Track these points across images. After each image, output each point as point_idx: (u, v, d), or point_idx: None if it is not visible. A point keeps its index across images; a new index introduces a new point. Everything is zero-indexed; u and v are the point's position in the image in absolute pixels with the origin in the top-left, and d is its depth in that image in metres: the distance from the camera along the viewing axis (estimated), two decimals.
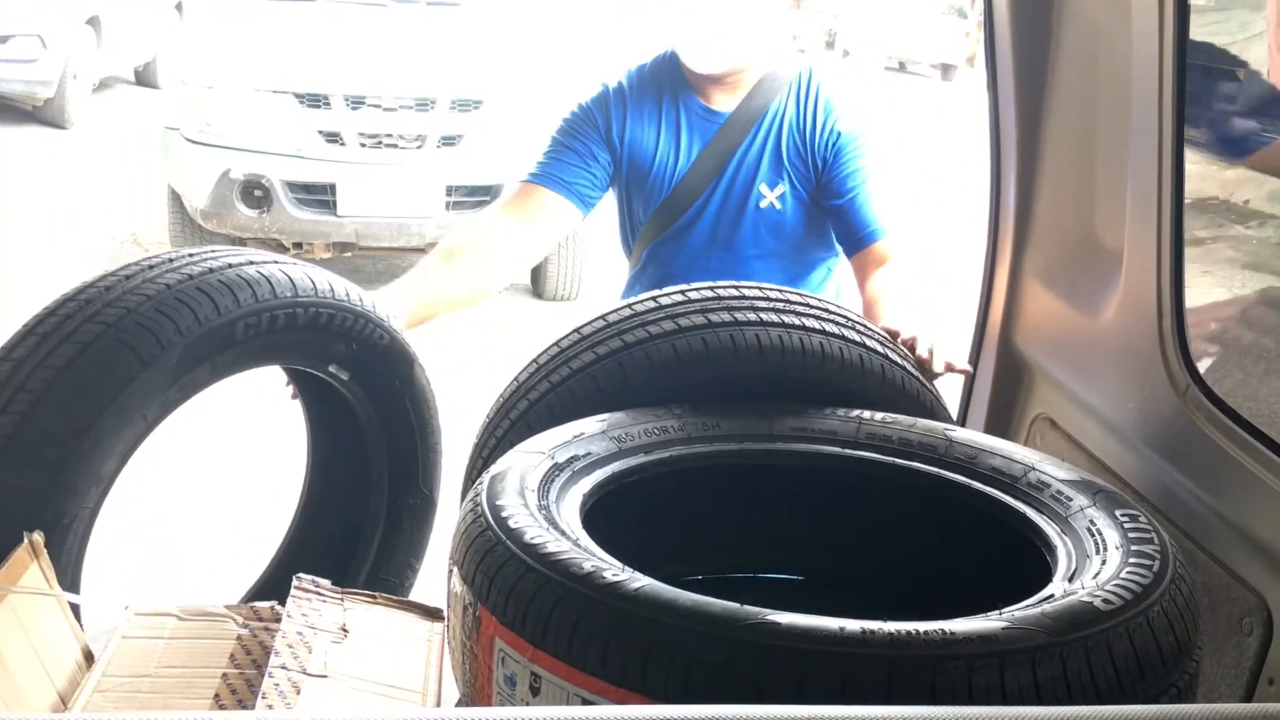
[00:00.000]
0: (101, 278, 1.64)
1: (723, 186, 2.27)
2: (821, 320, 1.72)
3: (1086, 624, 1.12)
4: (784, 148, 2.25)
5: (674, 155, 2.29)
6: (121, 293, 1.59)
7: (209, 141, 6.31)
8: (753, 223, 2.27)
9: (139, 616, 1.53)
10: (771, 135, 2.25)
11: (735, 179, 2.27)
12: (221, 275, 1.64)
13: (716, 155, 2.25)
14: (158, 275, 1.62)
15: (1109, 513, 1.37)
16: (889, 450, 1.60)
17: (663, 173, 2.31)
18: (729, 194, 2.28)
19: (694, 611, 1.10)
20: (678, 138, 2.29)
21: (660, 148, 2.30)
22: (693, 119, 2.29)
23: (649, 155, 2.31)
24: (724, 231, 2.30)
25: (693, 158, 2.27)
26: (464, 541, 1.28)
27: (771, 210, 2.27)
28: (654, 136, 2.31)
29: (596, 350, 1.69)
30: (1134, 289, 1.79)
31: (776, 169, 2.25)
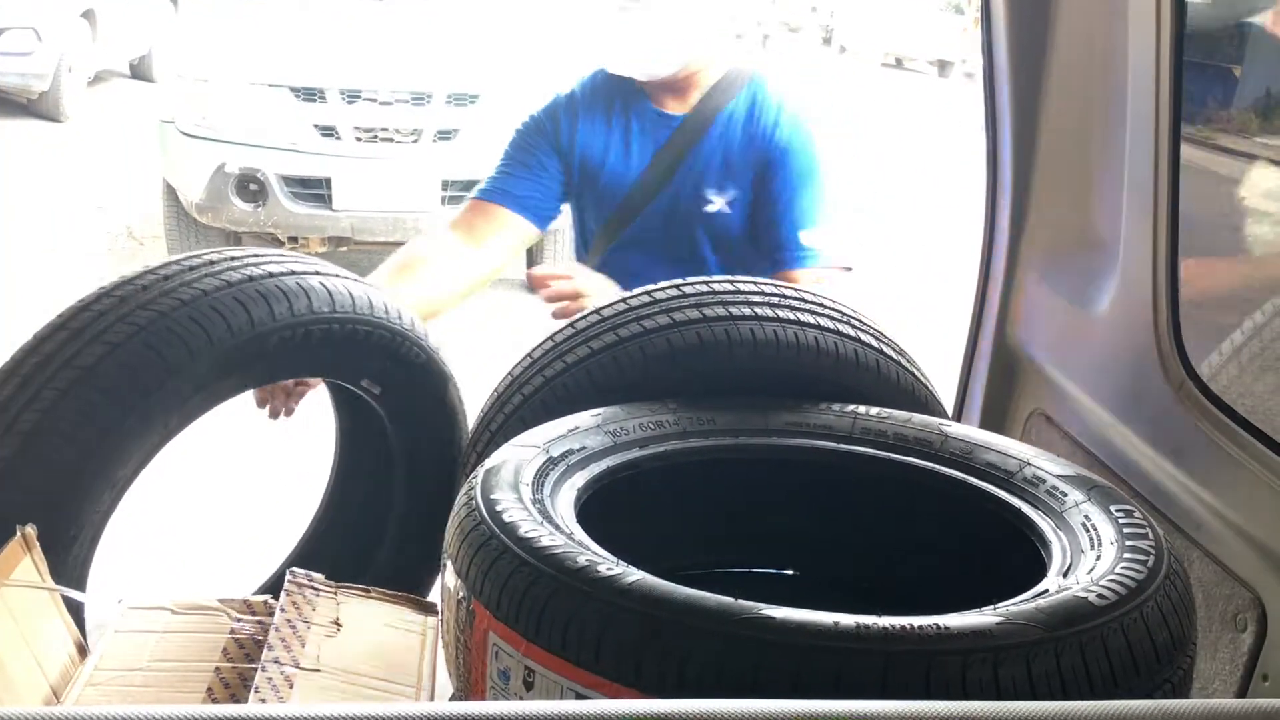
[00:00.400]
0: (139, 275, 1.61)
1: (672, 192, 2.23)
2: (816, 315, 1.71)
3: (1081, 619, 1.12)
4: (734, 153, 2.21)
5: (624, 161, 2.26)
6: (157, 294, 1.56)
7: (204, 135, 6.30)
8: (702, 229, 2.21)
9: (132, 610, 1.53)
10: (723, 140, 2.21)
11: (685, 184, 2.22)
12: (260, 285, 1.61)
13: (668, 160, 2.20)
14: (196, 279, 1.59)
15: (1104, 508, 1.37)
16: (884, 445, 1.60)
17: (614, 179, 2.27)
18: (679, 199, 2.23)
19: (688, 606, 1.10)
20: (628, 143, 2.26)
21: (611, 154, 2.27)
22: (645, 124, 2.26)
23: (599, 161, 2.27)
24: (675, 238, 2.24)
25: (644, 163, 2.23)
26: (458, 535, 1.27)
27: (721, 216, 2.21)
28: (604, 143, 2.27)
29: (591, 345, 1.69)
30: (1129, 284, 1.79)
31: (726, 174, 2.21)
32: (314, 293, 1.65)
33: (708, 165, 2.20)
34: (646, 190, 2.20)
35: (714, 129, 2.19)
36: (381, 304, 1.77)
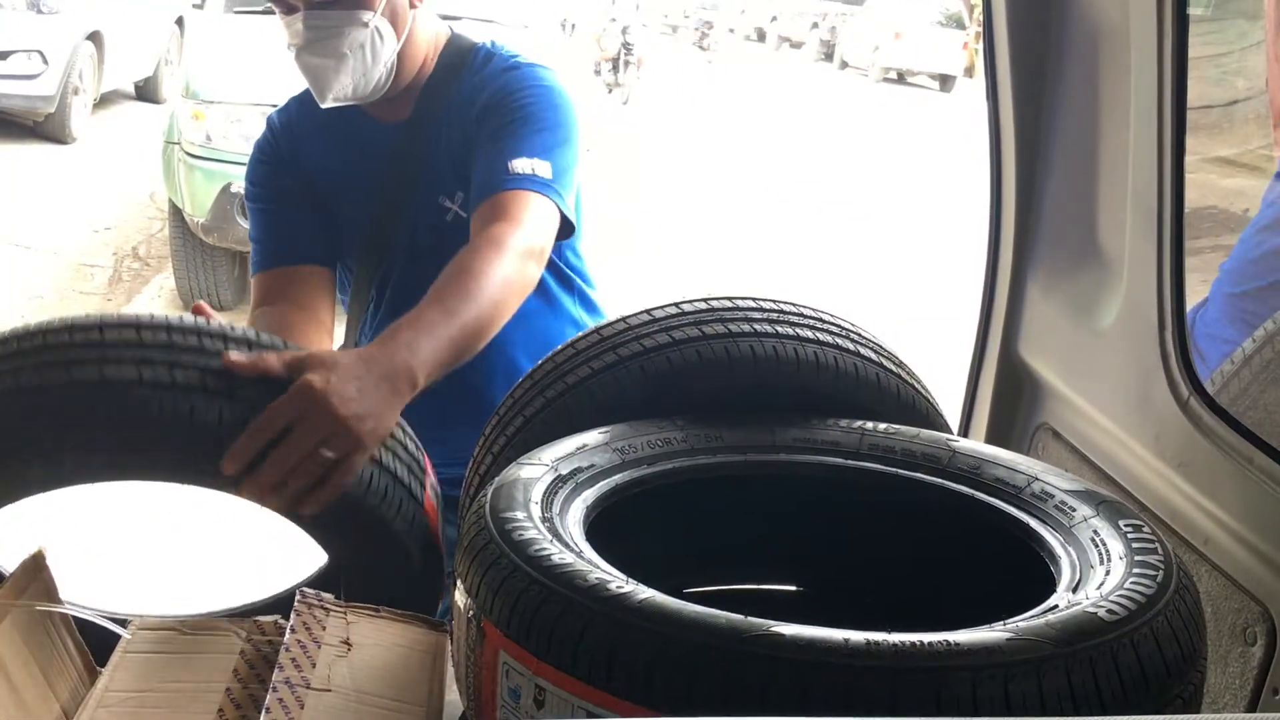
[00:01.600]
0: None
1: (412, 206, 1.95)
2: (816, 329, 1.72)
3: (1091, 634, 1.12)
4: (459, 146, 1.92)
5: (359, 182, 1.97)
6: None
7: (210, 156, 6.33)
8: (449, 241, 1.83)
9: (141, 630, 1.53)
10: (446, 135, 1.93)
11: (419, 194, 1.94)
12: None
13: (397, 173, 1.92)
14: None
15: (1112, 523, 1.37)
16: (892, 461, 1.60)
17: (355, 204, 1.98)
18: (420, 212, 1.96)
19: (698, 623, 1.10)
20: (359, 163, 1.98)
21: (345, 176, 2.00)
22: (366, 138, 1.98)
23: (337, 186, 2.00)
24: (425, 260, 1.87)
25: (376, 182, 1.95)
26: (467, 554, 1.28)
27: (459, 221, 1.91)
28: (336, 164, 2.00)
29: (591, 365, 1.70)
30: (1135, 298, 1.80)
31: (457, 175, 1.92)
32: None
33: (439, 169, 1.93)
34: (390, 211, 1.92)
35: (441, 124, 1.92)
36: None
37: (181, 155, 6.36)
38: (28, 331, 1.58)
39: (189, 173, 6.32)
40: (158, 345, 1.53)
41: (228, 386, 1.49)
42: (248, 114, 6.32)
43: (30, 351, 1.54)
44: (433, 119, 1.92)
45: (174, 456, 1.52)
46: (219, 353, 1.51)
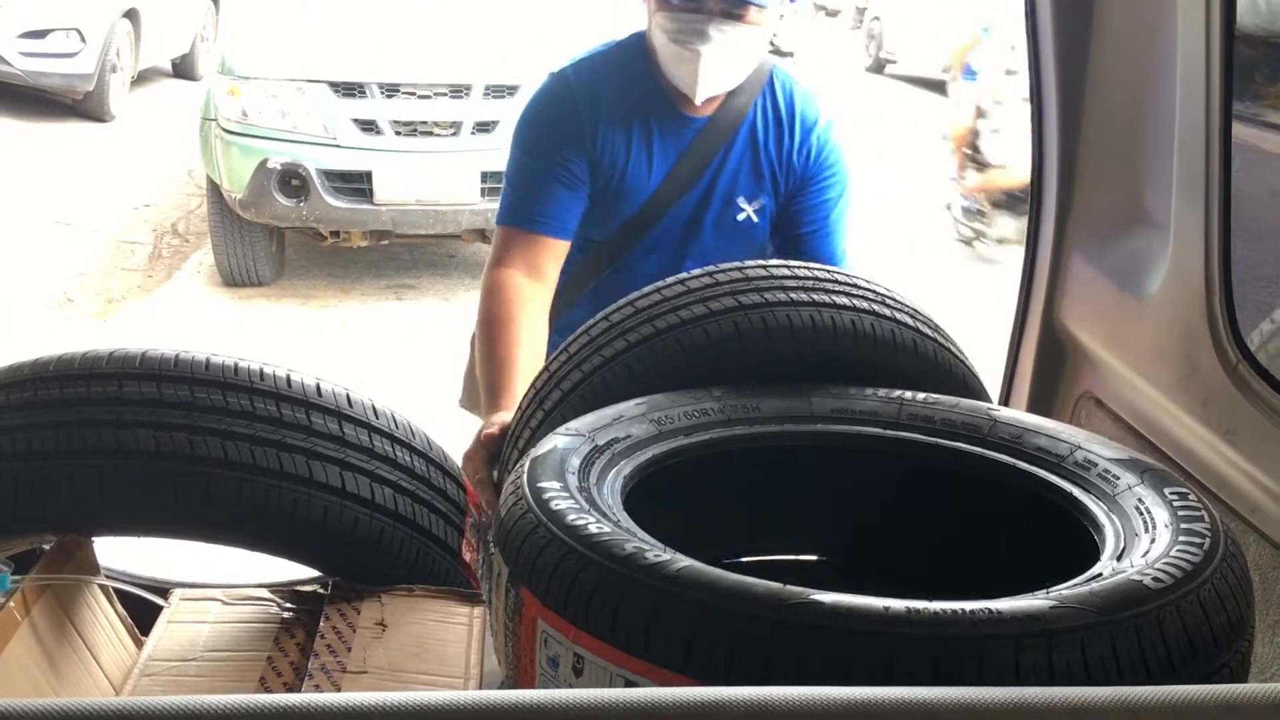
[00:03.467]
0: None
1: (698, 198, 2.08)
2: (852, 296, 1.70)
3: (1136, 602, 1.10)
4: (760, 157, 2.08)
5: (647, 165, 2.07)
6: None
7: (246, 132, 6.35)
8: (729, 237, 2.06)
9: (184, 601, 1.55)
10: (750, 143, 2.08)
11: (713, 190, 2.07)
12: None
13: (693, 165, 2.04)
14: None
15: (1157, 491, 1.35)
16: (932, 431, 1.58)
17: (634, 185, 2.06)
18: (705, 206, 2.09)
19: (737, 592, 1.10)
20: (649, 145, 2.06)
21: (632, 156, 2.06)
22: (665, 124, 2.06)
23: (620, 164, 2.07)
24: (695, 248, 2.08)
25: (667, 168, 2.05)
26: (506, 524, 1.28)
27: (749, 224, 2.09)
28: (625, 142, 2.06)
29: (627, 338, 1.69)
30: (1181, 265, 1.76)
31: (756, 180, 2.07)
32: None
33: (736, 170, 2.07)
34: (667, 197, 2.05)
35: (740, 130, 2.06)
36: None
37: (218, 131, 6.39)
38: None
39: (226, 149, 6.35)
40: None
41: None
42: (283, 90, 6.34)
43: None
44: (734, 122, 2.05)
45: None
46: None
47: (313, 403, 1.58)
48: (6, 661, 1.31)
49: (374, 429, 1.62)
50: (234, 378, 1.56)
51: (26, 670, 1.34)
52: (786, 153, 2.07)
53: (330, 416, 1.59)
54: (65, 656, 1.43)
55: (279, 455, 1.51)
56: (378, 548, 1.55)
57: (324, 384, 1.63)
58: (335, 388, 1.64)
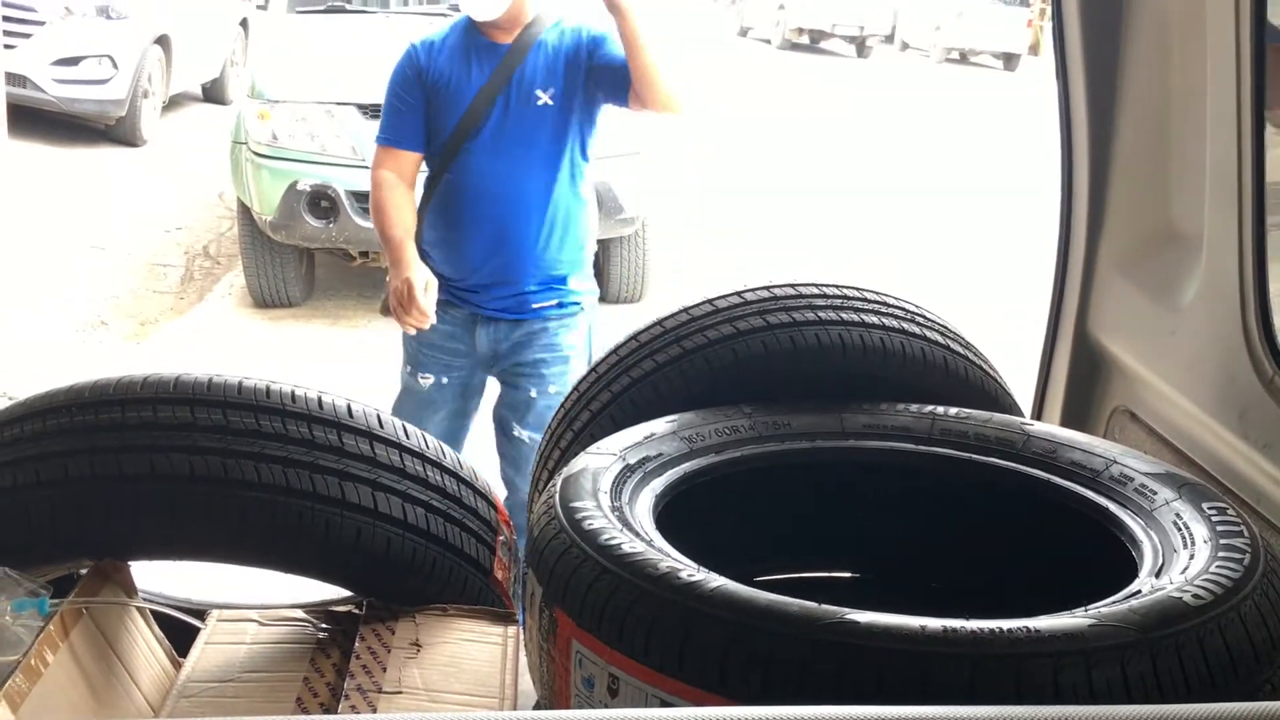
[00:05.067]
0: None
1: (508, 95, 2.88)
2: (881, 314, 1.70)
3: (1176, 620, 1.09)
4: (551, 58, 2.89)
5: (468, 77, 2.90)
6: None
7: (276, 154, 6.41)
8: (532, 121, 2.85)
9: (221, 622, 1.55)
10: (540, 52, 2.90)
11: (518, 88, 2.88)
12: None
13: (503, 73, 2.89)
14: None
15: (1195, 506, 1.34)
16: (964, 446, 1.57)
17: (460, 91, 2.90)
18: (512, 99, 2.87)
19: (772, 611, 1.10)
20: (470, 66, 2.91)
21: (456, 74, 2.91)
22: (481, 52, 2.92)
23: (448, 81, 2.91)
24: (510, 130, 2.86)
25: (485, 78, 2.89)
26: (539, 544, 1.28)
27: (545, 107, 2.85)
28: (450, 68, 2.92)
29: (656, 358, 1.69)
30: (1215, 277, 1.75)
31: (549, 75, 2.88)
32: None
33: (533, 74, 2.88)
34: (485, 98, 2.87)
35: (535, 45, 2.90)
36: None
37: (248, 154, 6.44)
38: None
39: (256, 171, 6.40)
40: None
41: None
42: (312, 113, 6.39)
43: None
44: (529, 42, 2.92)
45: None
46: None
47: (344, 424, 1.59)
48: (47, 685, 1.32)
49: (405, 449, 1.63)
50: (266, 400, 1.57)
51: (66, 693, 1.36)
52: (570, 50, 2.89)
53: (362, 437, 1.59)
54: (104, 679, 1.44)
55: (312, 477, 1.51)
56: (410, 567, 1.55)
57: (355, 405, 1.64)
58: (366, 409, 1.65)
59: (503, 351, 2.84)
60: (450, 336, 2.87)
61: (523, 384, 2.83)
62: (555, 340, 2.83)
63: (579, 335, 2.87)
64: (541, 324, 2.82)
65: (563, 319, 2.84)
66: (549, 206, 2.84)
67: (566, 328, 2.84)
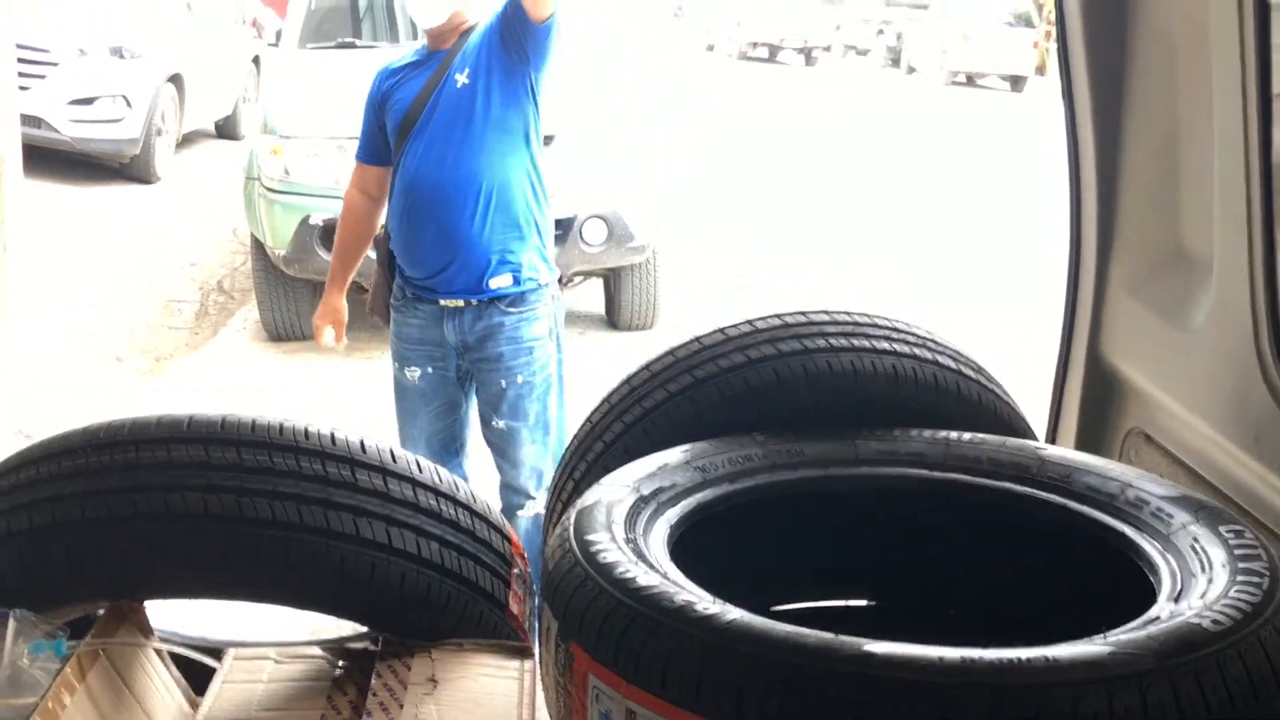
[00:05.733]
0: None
1: (439, 91, 3.11)
2: (892, 341, 1.70)
3: (1196, 646, 1.08)
4: (471, 49, 3.12)
5: (411, 85, 3.16)
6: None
7: (289, 190, 6.44)
8: (453, 104, 3.06)
9: (238, 661, 1.55)
10: (466, 46, 3.14)
11: (445, 81, 3.12)
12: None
13: (438, 74, 3.13)
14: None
15: (1213, 529, 1.33)
16: (979, 471, 1.57)
17: (403, 98, 3.16)
18: (441, 94, 3.10)
19: (788, 643, 1.09)
20: (416, 75, 3.18)
21: (404, 85, 3.17)
22: (426, 61, 3.19)
23: (396, 92, 3.19)
24: (437, 119, 3.08)
25: (422, 83, 3.14)
26: (554, 577, 1.28)
27: (463, 87, 3.07)
28: (401, 81, 3.19)
29: (668, 388, 1.69)
30: (1226, 297, 1.74)
31: (463, 60, 3.11)
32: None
33: (458, 65, 3.13)
34: (421, 99, 3.11)
35: (463, 54, 3.14)
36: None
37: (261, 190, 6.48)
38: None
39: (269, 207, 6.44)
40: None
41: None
42: (324, 148, 6.42)
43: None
44: (460, 47, 3.17)
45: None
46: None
47: (357, 459, 1.60)
48: None
49: (418, 483, 1.63)
50: (279, 438, 1.58)
51: None
52: (484, 31, 3.12)
53: (375, 472, 1.60)
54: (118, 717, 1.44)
55: (325, 513, 1.52)
56: (425, 602, 1.55)
57: (368, 441, 1.64)
58: (379, 444, 1.65)
59: (470, 343, 3.00)
60: (423, 330, 3.06)
61: (492, 376, 2.99)
62: (517, 334, 2.98)
63: (542, 326, 3.02)
64: (501, 316, 2.97)
65: (522, 311, 2.99)
66: (482, 185, 3.01)
67: (527, 320, 2.99)
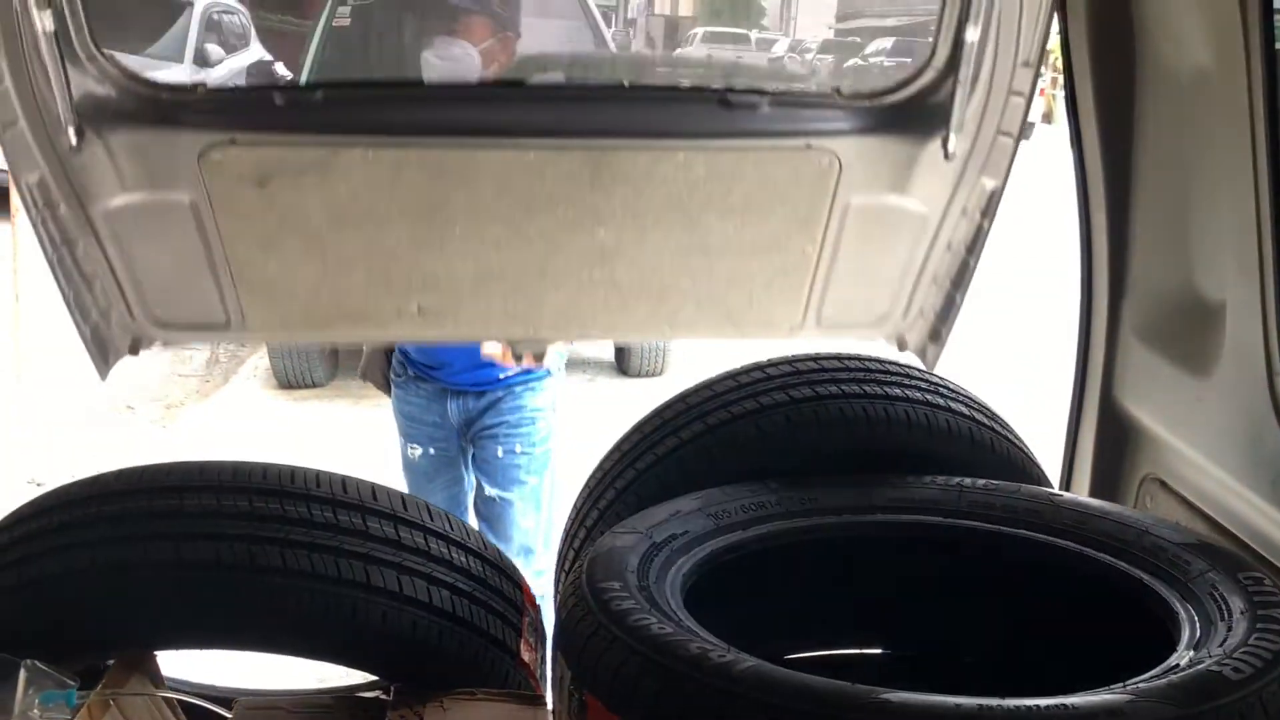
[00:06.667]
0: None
1: None
2: (905, 387, 1.70)
3: (1217, 695, 1.07)
4: None
5: None
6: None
7: None
8: None
9: (248, 711, 1.54)
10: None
11: None
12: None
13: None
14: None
15: (1231, 576, 1.32)
16: (994, 518, 1.56)
17: None
18: None
19: (804, 692, 1.08)
20: None
21: None
22: None
23: None
24: None
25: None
26: (567, 625, 1.27)
27: None
28: None
29: (680, 435, 1.69)
30: (1239, 343, 1.74)
31: None
32: None
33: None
34: None
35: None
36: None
37: None
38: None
39: None
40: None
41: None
42: None
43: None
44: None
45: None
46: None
47: (368, 507, 1.59)
48: None
49: (429, 531, 1.63)
50: (291, 486, 1.57)
51: None
52: None
53: (386, 520, 1.59)
54: None
55: (337, 561, 1.51)
56: (437, 650, 1.54)
57: (379, 488, 1.64)
58: (390, 491, 1.65)
59: (473, 418, 2.93)
60: (426, 409, 2.97)
61: (489, 445, 2.93)
62: (520, 403, 2.91)
63: (546, 397, 2.95)
64: (506, 388, 2.90)
65: (528, 382, 2.92)
66: None
67: (533, 391, 2.92)
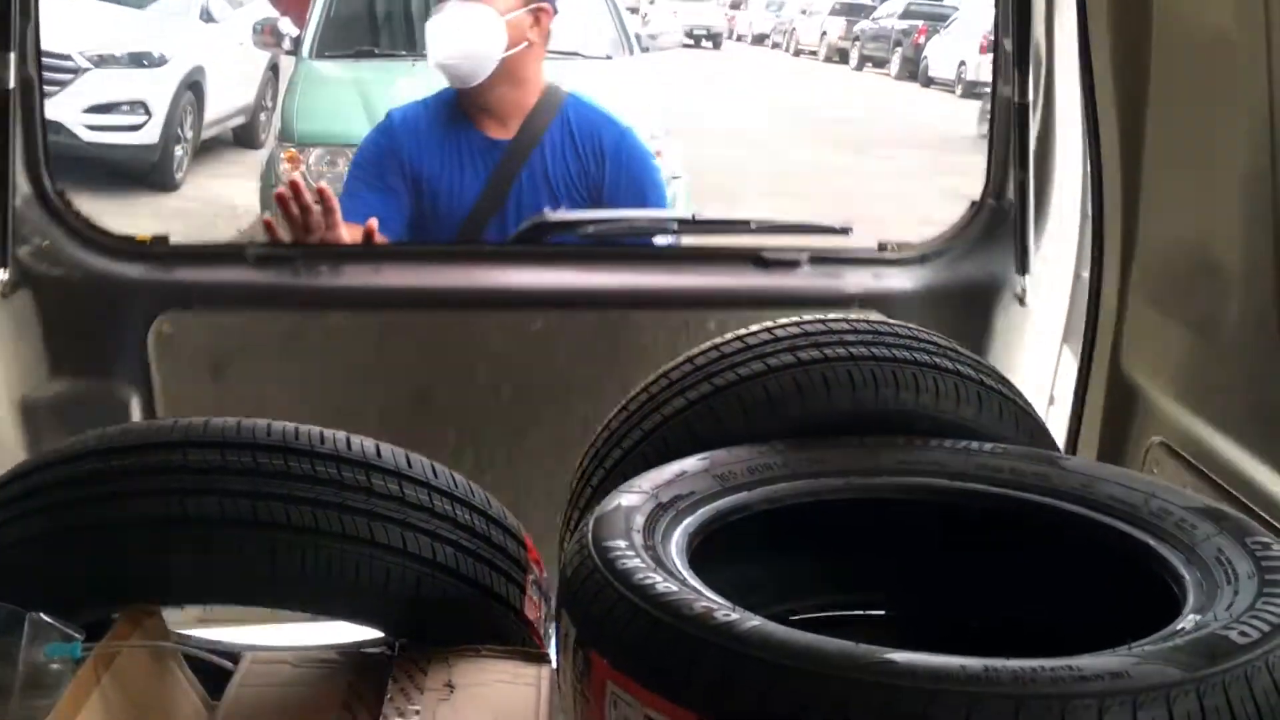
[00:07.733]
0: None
1: (503, 217, 2.47)
2: (912, 350, 1.69)
3: (1223, 658, 1.07)
4: (553, 179, 2.48)
5: (459, 185, 2.48)
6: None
7: None
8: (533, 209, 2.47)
9: (254, 665, 1.55)
10: (543, 168, 2.47)
11: (520, 203, 2.47)
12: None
13: (500, 185, 2.45)
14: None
15: (1238, 540, 1.32)
16: (1000, 481, 1.55)
17: (451, 202, 2.48)
18: (508, 221, 2.47)
19: (809, 651, 1.08)
20: (461, 169, 2.49)
21: (447, 179, 2.49)
22: (475, 151, 2.50)
23: (435, 186, 2.49)
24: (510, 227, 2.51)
25: (477, 187, 2.46)
26: (571, 585, 1.27)
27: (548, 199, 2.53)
28: (439, 166, 2.49)
29: (687, 395, 1.69)
30: (1252, 307, 1.73)
31: (550, 199, 2.48)
32: None
33: (540, 188, 2.46)
34: (482, 214, 2.45)
35: (539, 152, 2.46)
36: None
37: None
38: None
39: None
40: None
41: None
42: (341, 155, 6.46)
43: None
44: (530, 145, 2.43)
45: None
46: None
47: (373, 464, 1.60)
48: None
49: (433, 488, 1.63)
50: (295, 442, 1.57)
51: None
52: (577, 173, 2.48)
53: (390, 477, 1.60)
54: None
55: (341, 518, 1.52)
56: (441, 607, 1.55)
57: (383, 446, 1.64)
58: (395, 450, 1.65)
59: None
60: None
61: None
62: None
63: None
64: None
65: None
66: None
67: None
